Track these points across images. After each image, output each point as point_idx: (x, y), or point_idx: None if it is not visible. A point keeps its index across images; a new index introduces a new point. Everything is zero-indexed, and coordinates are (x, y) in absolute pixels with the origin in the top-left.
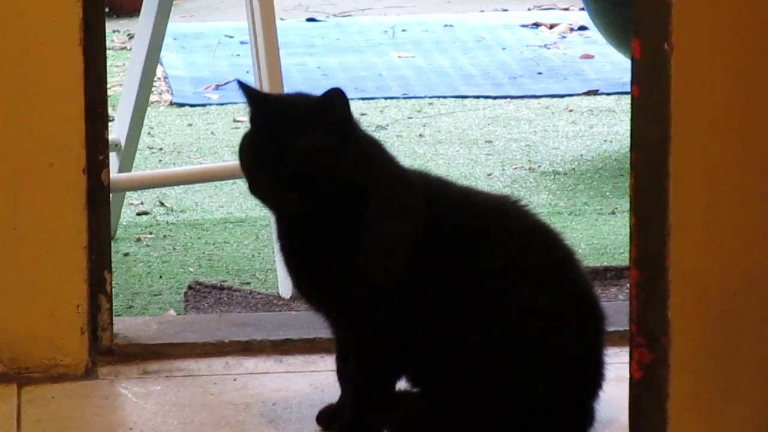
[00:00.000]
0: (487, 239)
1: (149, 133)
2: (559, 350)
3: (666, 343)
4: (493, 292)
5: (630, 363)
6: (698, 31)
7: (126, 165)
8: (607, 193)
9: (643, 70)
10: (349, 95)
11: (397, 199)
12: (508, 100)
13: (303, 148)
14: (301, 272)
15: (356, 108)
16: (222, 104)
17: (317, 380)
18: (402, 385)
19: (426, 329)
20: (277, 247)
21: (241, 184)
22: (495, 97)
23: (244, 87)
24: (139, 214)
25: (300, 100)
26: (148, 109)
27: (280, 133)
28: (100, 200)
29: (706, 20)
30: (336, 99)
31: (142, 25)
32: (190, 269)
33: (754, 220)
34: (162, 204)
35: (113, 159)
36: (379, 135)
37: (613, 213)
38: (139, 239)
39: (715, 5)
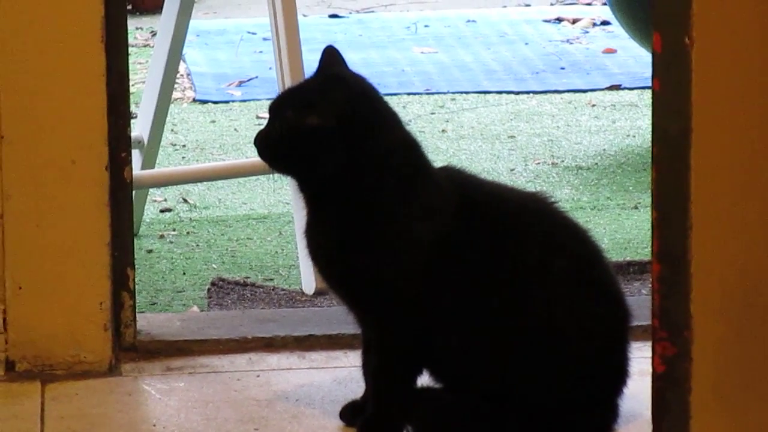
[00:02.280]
0: (515, 236)
1: (172, 130)
2: (585, 347)
3: (688, 337)
4: (519, 289)
5: (652, 357)
6: (718, 24)
7: (149, 162)
8: (630, 188)
9: (664, 63)
10: None
11: (419, 198)
12: (531, 95)
13: (289, 119)
14: (324, 267)
15: None
16: (245, 101)
17: (340, 376)
18: (425, 380)
19: (449, 325)
20: (302, 242)
21: (264, 181)
22: (517, 93)
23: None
24: (162, 210)
25: (318, 79)
26: (171, 106)
27: (283, 104)
28: (122, 197)
29: (726, 13)
30: (335, 84)
31: (164, 21)
32: (213, 266)
33: None
34: (185, 201)
35: (136, 156)
36: None
37: (636, 207)
38: (162, 236)
39: None
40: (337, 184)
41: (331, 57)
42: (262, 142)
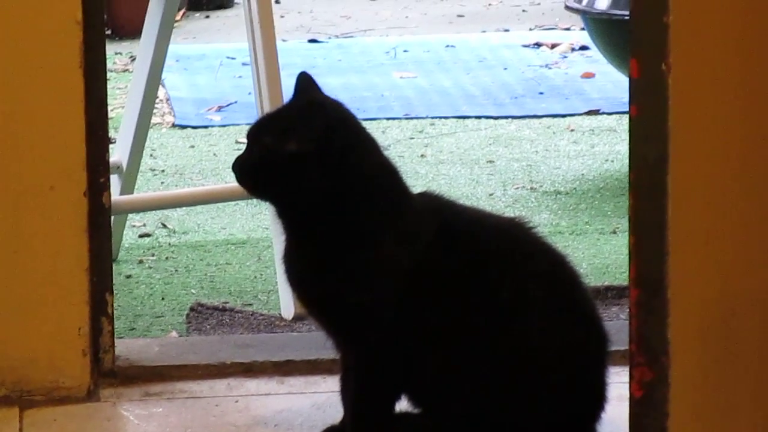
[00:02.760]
0: (493, 262)
1: (152, 155)
2: (563, 373)
3: (666, 362)
4: (497, 315)
5: (630, 382)
6: (696, 50)
7: (128, 187)
8: (609, 213)
9: (641, 89)
10: None
11: (397, 225)
12: (510, 119)
13: (267, 144)
14: (302, 292)
15: None
16: (224, 126)
17: (319, 401)
18: (404, 405)
19: (428, 350)
20: (281, 267)
21: (244, 206)
22: (497, 117)
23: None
24: (141, 236)
25: (296, 105)
26: (151, 130)
27: (261, 130)
28: (101, 222)
29: (703, 40)
30: (313, 110)
31: (143, 46)
32: (192, 291)
33: (753, 239)
34: (164, 226)
35: (115, 181)
36: None
37: (615, 232)
38: (141, 261)
39: (712, 25)
40: (315, 210)
41: (305, 83)
42: (240, 168)
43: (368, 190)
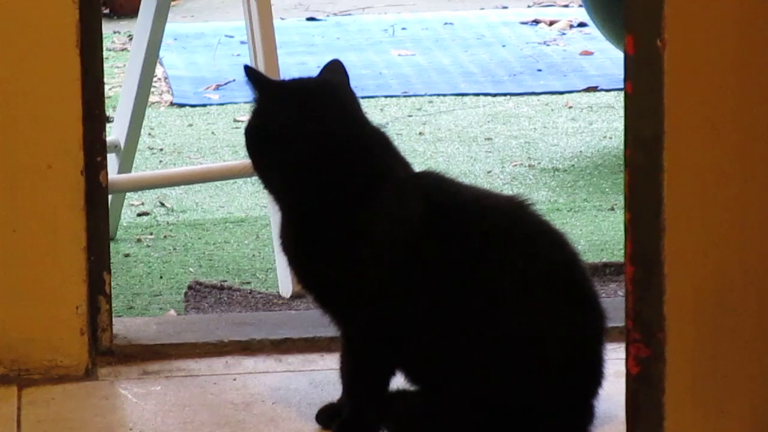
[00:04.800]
0: (491, 240)
1: (150, 134)
2: (559, 349)
3: (662, 338)
4: (494, 292)
5: (626, 359)
6: (691, 27)
7: (125, 166)
8: (607, 190)
9: (637, 66)
10: None
11: (377, 202)
12: (508, 97)
13: (249, 120)
14: (298, 268)
15: None
16: (222, 104)
17: (317, 379)
18: (400, 383)
19: (423, 328)
20: (277, 244)
21: (242, 184)
22: (495, 95)
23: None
24: (139, 214)
25: (283, 83)
26: (149, 109)
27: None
28: (98, 201)
29: (698, 16)
30: (293, 85)
31: (140, 25)
32: (191, 269)
33: (748, 215)
34: (162, 204)
35: (113, 160)
36: None
37: (612, 209)
38: (139, 240)
39: (707, 1)
40: (297, 185)
41: (331, 69)
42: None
43: (344, 166)
